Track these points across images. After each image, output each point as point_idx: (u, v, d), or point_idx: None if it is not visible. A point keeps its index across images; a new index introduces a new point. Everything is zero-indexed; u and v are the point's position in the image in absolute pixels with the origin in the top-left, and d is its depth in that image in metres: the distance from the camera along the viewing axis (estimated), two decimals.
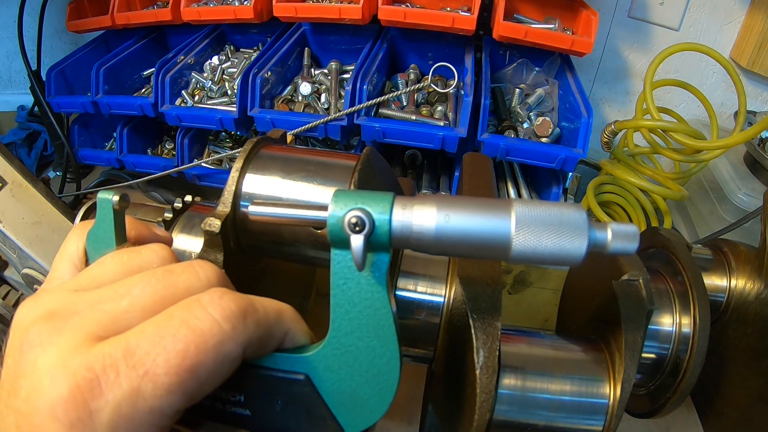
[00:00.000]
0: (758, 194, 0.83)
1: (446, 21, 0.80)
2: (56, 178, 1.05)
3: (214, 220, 0.27)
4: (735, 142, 0.75)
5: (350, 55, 0.97)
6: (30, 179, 0.61)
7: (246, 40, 1.06)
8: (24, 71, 0.97)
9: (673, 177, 0.90)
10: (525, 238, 0.19)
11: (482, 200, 0.20)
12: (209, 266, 0.25)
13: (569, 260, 0.19)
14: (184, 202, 0.36)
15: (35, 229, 0.60)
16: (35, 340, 0.21)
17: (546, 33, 0.82)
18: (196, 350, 0.21)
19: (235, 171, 0.29)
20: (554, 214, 0.19)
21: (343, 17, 0.84)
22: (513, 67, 0.94)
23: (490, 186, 0.44)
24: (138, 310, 0.22)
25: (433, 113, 0.87)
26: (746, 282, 0.46)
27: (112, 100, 0.94)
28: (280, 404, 0.25)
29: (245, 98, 0.85)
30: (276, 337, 0.25)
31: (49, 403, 0.19)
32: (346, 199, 0.21)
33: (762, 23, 0.93)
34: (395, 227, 0.20)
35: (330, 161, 0.30)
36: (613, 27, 1.05)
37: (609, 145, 0.90)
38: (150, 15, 0.98)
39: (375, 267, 0.22)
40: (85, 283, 0.25)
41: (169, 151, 1.07)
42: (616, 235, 0.19)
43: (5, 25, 1.14)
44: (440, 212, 0.20)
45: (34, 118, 1.13)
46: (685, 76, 0.93)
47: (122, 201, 0.28)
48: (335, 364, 0.24)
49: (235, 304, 0.22)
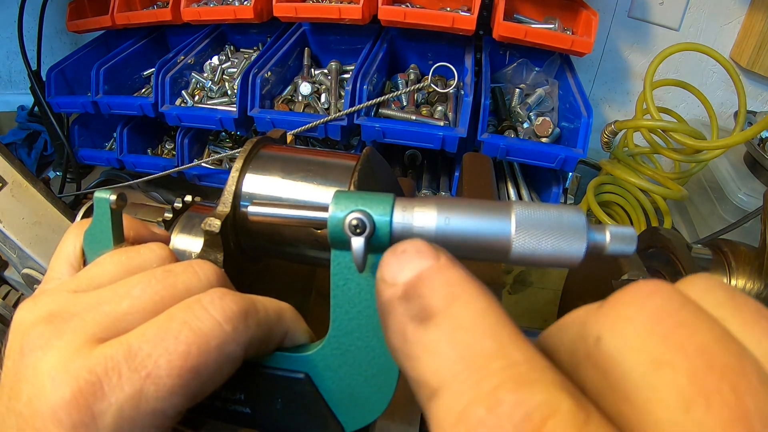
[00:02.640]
0: (758, 194, 0.83)
1: (446, 21, 0.80)
2: (56, 178, 1.05)
3: (214, 220, 0.27)
4: (735, 142, 0.75)
5: (350, 55, 0.97)
6: (30, 179, 0.61)
7: (246, 40, 1.06)
8: (24, 71, 0.97)
9: (673, 177, 0.90)
10: (525, 240, 0.19)
11: (482, 202, 0.20)
12: (209, 266, 0.25)
13: (568, 262, 0.19)
14: (184, 202, 0.36)
15: (35, 229, 0.60)
16: (35, 343, 0.21)
17: (546, 33, 0.82)
18: (198, 351, 0.21)
19: (235, 171, 0.29)
20: (553, 216, 0.19)
21: (343, 17, 0.84)
22: (513, 67, 0.94)
23: (490, 186, 0.44)
24: (138, 312, 0.22)
25: (433, 113, 0.87)
26: (746, 282, 0.46)
27: (112, 100, 0.94)
28: (280, 402, 0.25)
29: (245, 98, 0.85)
30: (276, 336, 0.25)
31: (51, 407, 0.19)
32: (347, 200, 0.21)
33: (762, 23, 0.93)
34: (396, 229, 0.20)
35: (330, 161, 0.30)
36: (613, 27, 1.05)
37: (609, 145, 0.91)
38: (150, 15, 0.98)
39: (375, 268, 0.22)
40: (84, 283, 0.25)
41: (169, 151, 1.07)
42: (614, 237, 0.19)
43: (5, 25, 1.14)
44: (440, 214, 0.20)
45: (34, 118, 1.13)
46: (685, 76, 0.93)
47: (119, 200, 0.28)
48: (335, 363, 0.24)
49: (235, 305, 0.22)
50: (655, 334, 0.13)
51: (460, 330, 0.14)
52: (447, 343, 0.14)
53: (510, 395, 0.12)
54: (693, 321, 0.13)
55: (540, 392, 0.12)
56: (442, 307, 0.15)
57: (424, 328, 0.15)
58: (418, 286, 0.15)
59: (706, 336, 0.12)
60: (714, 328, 0.13)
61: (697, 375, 0.12)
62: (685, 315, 0.13)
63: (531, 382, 0.13)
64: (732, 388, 0.12)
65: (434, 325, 0.15)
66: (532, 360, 0.13)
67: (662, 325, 0.13)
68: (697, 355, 0.12)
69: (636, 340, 0.13)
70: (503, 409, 0.12)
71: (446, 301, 0.15)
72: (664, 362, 0.12)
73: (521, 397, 0.12)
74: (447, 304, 0.15)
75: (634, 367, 0.12)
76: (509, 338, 0.14)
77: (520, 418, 0.12)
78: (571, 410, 0.12)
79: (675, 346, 0.12)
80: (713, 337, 0.12)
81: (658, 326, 0.13)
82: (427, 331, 0.15)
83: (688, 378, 0.12)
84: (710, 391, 0.12)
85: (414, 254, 0.16)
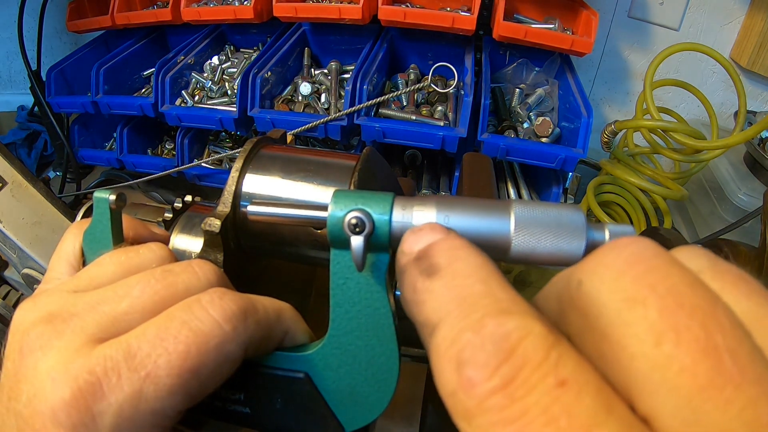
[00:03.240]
0: (758, 194, 0.83)
1: (446, 21, 0.80)
2: (56, 178, 1.05)
3: (214, 220, 0.27)
4: (735, 142, 0.75)
5: (350, 55, 0.97)
6: (30, 179, 0.61)
7: (246, 40, 1.06)
8: (24, 71, 0.97)
9: (673, 177, 0.90)
10: (524, 238, 0.19)
11: (481, 201, 0.20)
12: (208, 266, 0.25)
13: (567, 261, 0.19)
14: (184, 202, 0.36)
15: (35, 229, 0.60)
16: (35, 343, 0.21)
17: (546, 33, 0.82)
18: (198, 351, 0.21)
19: (235, 171, 0.29)
20: (553, 215, 0.19)
21: (343, 17, 0.84)
22: (513, 67, 0.94)
23: (490, 186, 0.44)
24: (138, 312, 0.22)
25: (433, 113, 0.87)
26: None
27: (112, 100, 0.94)
28: (280, 402, 0.25)
29: (245, 98, 0.85)
30: (276, 336, 0.25)
31: (51, 407, 0.19)
32: (346, 199, 0.21)
33: (762, 23, 0.93)
34: (395, 228, 0.20)
35: (330, 161, 0.30)
36: (613, 27, 1.05)
37: (609, 145, 0.91)
38: (150, 15, 0.98)
39: (374, 267, 0.22)
40: (83, 283, 0.25)
41: (169, 151, 1.07)
42: (613, 236, 0.19)
43: (5, 25, 1.14)
44: (440, 213, 0.20)
45: (34, 118, 1.13)
46: (685, 76, 0.93)
47: (119, 200, 0.28)
48: (335, 363, 0.24)
49: (235, 305, 0.22)
50: (629, 275, 0.14)
51: (457, 278, 0.17)
52: (446, 289, 0.17)
53: (492, 320, 0.14)
54: (666, 267, 0.14)
55: (517, 319, 0.14)
56: (445, 264, 0.17)
57: (431, 280, 0.17)
58: (429, 251, 0.18)
59: (678, 279, 0.14)
60: (686, 274, 0.14)
61: (668, 311, 0.13)
62: (658, 261, 0.14)
63: (510, 312, 0.15)
64: (701, 325, 0.13)
65: (438, 277, 0.17)
66: (514, 299, 0.16)
67: (636, 268, 0.14)
68: (668, 295, 0.13)
69: (612, 282, 0.14)
70: (486, 330, 0.14)
71: (449, 260, 0.17)
72: (637, 300, 0.13)
73: (501, 321, 0.14)
74: (450, 262, 0.17)
75: (610, 306, 0.14)
76: (497, 284, 0.16)
77: (500, 337, 0.14)
78: (542, 333, 0.14)
79: (647, 286, 0.13)
80: (685, 281, 0.14)
81: (632, 269, 0.14)
82: (432, 281, 0.17)
83: (658, 314, 0.13)
84: (680, 326, 0.13)
85: (428, 230, 0.19)
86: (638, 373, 0.13)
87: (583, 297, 0.15)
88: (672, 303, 0.13)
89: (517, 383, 0.13)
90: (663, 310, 0.13)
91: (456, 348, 0.14)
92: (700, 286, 0.14)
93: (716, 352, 0.12)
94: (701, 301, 0.13)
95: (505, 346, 0.14)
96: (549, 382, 0.13)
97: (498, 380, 0.13)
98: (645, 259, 0.14)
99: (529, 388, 0.13)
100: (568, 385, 0.13)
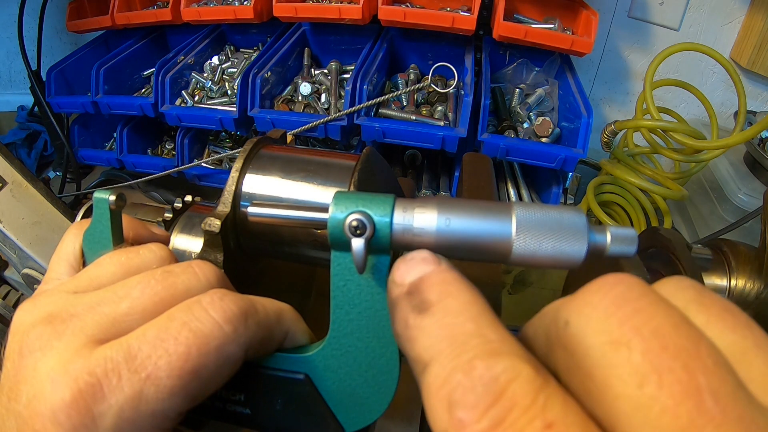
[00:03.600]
0: (758, 194, 0.83)
1: (446, 21, 0.80)
2: (56, 178, 1.05)
3: (214, 220, 0.27)
4: (735, 142, 0.75)
5: (350, 55, 0.97)
6: (30, 179, 0.61)
7: (246, 40, 1.06)
8: (24, 71, 0.97)
9: (673, 177, 0.90)
10: (525, 241, 0.19)
11: (483, 203, 0.20)
12: (208, 266, 0.25)
13: (569, 263, 0.19)
14: (184, 202, 0.36)
15: (35, 229, 0.60)
16: (35, 344, 0.21)
17: (546, 33, 0.82)
18: (198, 352, 0.21)
19: (235, 171, 0.29)
20: (554, 217, 0.19)
21: (343, 17, 0.83)
22: (513, 67, 0.94)
23: (490, 186, 0.44)
24: (138, 313, 0.22)
25: (433, 113, 0.87)
26: (746, 282, 0.46)
27: (112, 100, 0.94)
28: (280, 403, 0.25)
29: (245, 98, 0.85)
30: (276, 337, 0.25)
31: (51, 408, 0.19)
32: (347, 201, 0.21)
33: (762, 23, 0.93)
34: (396, 230, 0.20)
35: (330, 161, 0.30)
36: (613, 27, 1.05)
37: (609, 145, 0.91)
38: (150, 15, 0.98)
39: (375, 269, 0.22)
40: (83, 284, 0.25)
41: (169, 151, 1.07)
42: (615, 238, 0.19)
43: (5, 25, 1.14)
44: (441, 215, 0.20)
45: (34, 118, 1.13)
46: (685, 76, 0.93)
47: (119, 200, 0.27)
48: (335, 364, 0.24)
49: (235, 306, 0.22)
50: (615, 317, 0.14)
51: (448, 317, 0.17)
52: (438, 327, 0.17)
53: (482, 362, 0.15)
54: (651, 308, 0.14)
55: (506, 361, 0.15)
56: (437, 300, 0.18)
57: (422, 317, 0.18)
58: (420, 285, 0.18)
59: (663, 321, 0.14)
60: (672, 314, 0.14)
61: (651, 354, 0.13)
62: (644, 302, 0.14)
63: (500, 353, 0.15)
64: (684, 367, 0.13)
65: (429, 314, 0.17)
66: (503, 339, 0.16)
67: (622, 310, 0.14)
68: (652, 337, 0.13)
69: (597, 323, 0.14)
70: (476, 372, 0.15)
71: (440, 296, 0.18)
72: (621, 343, 0.14)
73: (490, 364, 0.15)
74: (441, 298, 0.18)
75: (595, 348, 0.14)
76: (487, 323, 0.16)
77: (489, 379, 0.14)
78: (530, 376, 0.14)
79: (632, 328, 0.14)
80: (669, 322, 0.14)
81: (618, 311, 0.14)
82: (423, 318, 0.17)
83: (642, 356, 0.13)
84: (663, 368, 0.13)
85: (420, 261, 0.19)
86: (622, 413, 0.13)
87: (570, 337, 0.15)
88: (656, 345, 0.13)
89: (505, 425, 0.14)
90: (647, 352, 0.13)
91: (447, 388, 0.15)
92: (684, 326, 0.14)
93: (698, 392, 0.12)
94: (685, 341, 0.13)
95: (495, 388, 0.14)
96: (536, 425, 0.13)
97: (487, 422, 0.14)
98: (630, 300, 0.14)
99: (517, 431, 0.13)
100: (555, 427, 0.13)
